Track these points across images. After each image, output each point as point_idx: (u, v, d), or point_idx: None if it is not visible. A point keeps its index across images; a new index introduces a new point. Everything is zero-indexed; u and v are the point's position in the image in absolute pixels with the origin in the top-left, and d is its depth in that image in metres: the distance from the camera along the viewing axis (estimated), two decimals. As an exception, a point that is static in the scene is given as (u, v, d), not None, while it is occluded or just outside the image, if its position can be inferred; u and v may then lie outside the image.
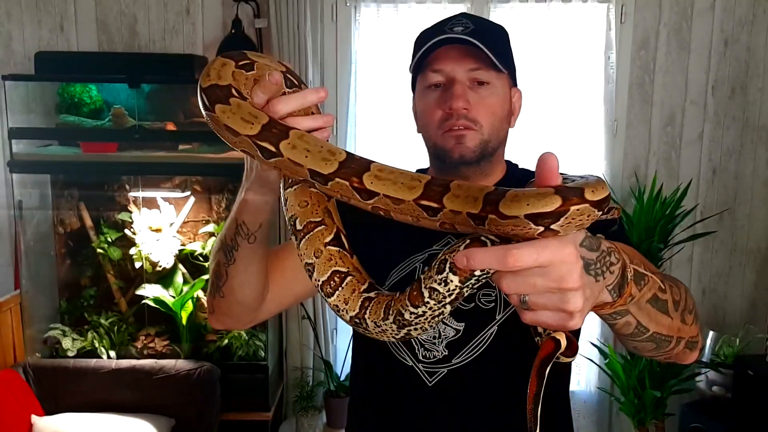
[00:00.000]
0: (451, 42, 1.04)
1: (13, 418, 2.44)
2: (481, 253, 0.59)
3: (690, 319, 0.82)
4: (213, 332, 2.88)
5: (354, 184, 0.66)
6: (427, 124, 1.09)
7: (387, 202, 0.66)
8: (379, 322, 0.76)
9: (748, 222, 3.04)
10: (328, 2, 2.86)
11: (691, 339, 0.85)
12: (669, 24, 2.88)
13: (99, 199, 2.92)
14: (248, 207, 0.90)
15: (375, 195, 0.66)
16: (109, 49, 2.90)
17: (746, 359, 2.68)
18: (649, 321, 0.75)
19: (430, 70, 1.06)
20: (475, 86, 1.05)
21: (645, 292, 0.72)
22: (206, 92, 0.72)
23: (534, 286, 0.58)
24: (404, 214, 0.67)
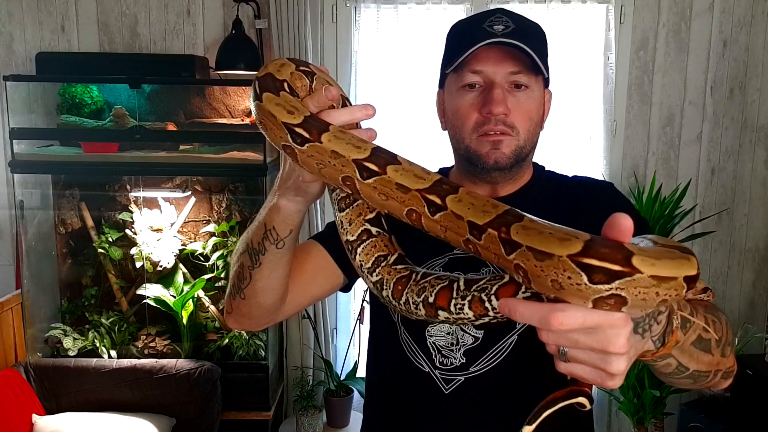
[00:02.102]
0: (496, 43, 1.00)
1: (14, 417, 2.44)
2: (523, 308, 0.56)
3: (728, 351, 0.80)
4: (213, 332, 2.88)
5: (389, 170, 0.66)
6: (460, 126, 1.05)
7: (393, 192, 0.66)
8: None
9: (746, 222, 3.05)
10: (329, 3, 2.87)
11: (728, 369, 0.83)
12: (668, 25, 2.89)
13: (100, 199, 2.93)
14: (280, 213, 0.87)
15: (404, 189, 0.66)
16: (110, 49, 2.91)
17: (745, 358, 2.69)
18: (689, 361, 0.73)
19: (469, 70, 1.02)
20: (513, 90, 1.02)
21: (690, 335, 0.70)
22: (260, 81, 0.72)
23: (576, 343, 0.56)
24: (405, 205, 0.66)
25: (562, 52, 2.84)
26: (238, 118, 2.89)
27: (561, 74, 2.84)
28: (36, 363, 2.67)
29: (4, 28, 2.91)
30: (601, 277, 0.51)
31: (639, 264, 0.51)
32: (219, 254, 2.82)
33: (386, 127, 2.91)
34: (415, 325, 1.03)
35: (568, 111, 2.89)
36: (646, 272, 0.51)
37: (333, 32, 2.89)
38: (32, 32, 2.91)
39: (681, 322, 0.66)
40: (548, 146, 2.84)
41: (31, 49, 2.89)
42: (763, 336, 2.80)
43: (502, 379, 0.99)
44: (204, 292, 2.84)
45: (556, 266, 0.52)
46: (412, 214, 0.65)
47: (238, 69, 2.74)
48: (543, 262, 0.53)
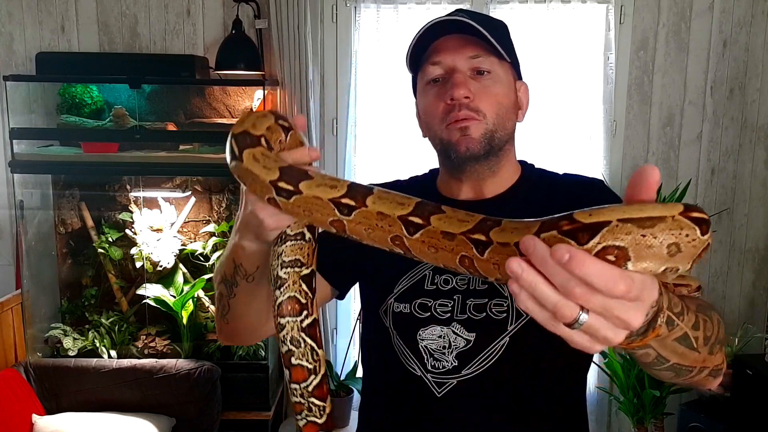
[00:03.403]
0: (447, 30, 1.00)
1: (14, 417, 2.44)
2: (599, 264, 0.49)
3: (717, 349, 0.79)
4: (213, 332, 2.88)
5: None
6: (430, 121, 1.05)
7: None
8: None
9: (746, 222, 3.05)
10: (329, 3, 2.87)
11: (716, 367, 0.81)
12: (668, 25, 2.89)
13: (100, 199, 2.93)
14: (245, 252, 0.85)
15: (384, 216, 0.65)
16: (110, 49, 2.91)
17: (745, 359, 2.69)
18: (671, 354, 0.72)
19: (429, 64, 1.03)
20: (477, 75, 1.01)
21: (674, 333, 0.68)
22: (236, 138, 0.72)
23: (608, 311, 0.51)
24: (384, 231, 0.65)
25: (562, 52, 2.84)
26: (238, 118, 2.89)
27: (561, 74, 2.85)
28: (36, 363, 2.67)
29: (4, 28, 2.91)
30: (584, 236, 0.51)
31: (606, 214, 0.51)
32: (219, 254, 2.82)
33: (386, 127, 2.91)
34: (407, 330, 1.02)
35: (568, 111, 2.89)
36: (612, 217, 0.50)
37: (333, 32, 2.89)
38: (32, 32, 2.91)
39: (667, 320, 0.64)
40: (548, 146, 2.85)
41: (31, 49, 2.89)
42: (763, 336, 2.80)
43: (494, 382, 0.98)
44: (204, 292, 2.84)
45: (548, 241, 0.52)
46: (396, 240, 0.64)
47: (238, 69, 2.74)
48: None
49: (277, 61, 2.78)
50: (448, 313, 1.01)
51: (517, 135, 1.11)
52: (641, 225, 0.50)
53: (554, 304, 0.51)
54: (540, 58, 2.81)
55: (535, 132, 2.81)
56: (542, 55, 2.81)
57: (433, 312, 1.02)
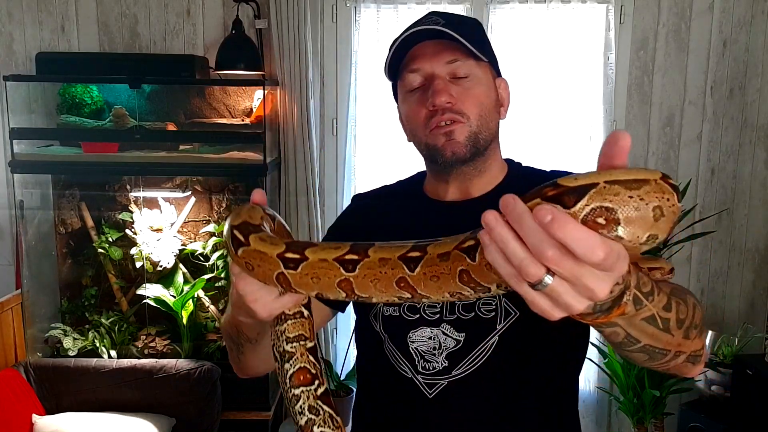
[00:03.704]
0: (423, 38, 1.01)
1: (14, 417, 2.44)
2: (576, 225, 0.49)
3: (694, 334, 0.78)
4: (213, 332, 2.89)
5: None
6: (414, 128, 1.05)
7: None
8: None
9: (746, 222, 3.05)
10: (329, 3, 2.87)
11: (694, 353, 0.80)
12: (668, 25, 2.89)
13: (100, 199, 2.93)
14: (242, 324, 0.87)
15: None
16: (110, 49, 2.91)
17: (745, 358, 2.69)
18: (641, 335, 0.70)
19: (408, 72, 1.04)
20: (456, 79, 1.02)
21: (643, 312, 0.67)
22: (238, 228, 0.74)
23: (578, 278, 0.50)
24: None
25: (562, 52, 2.84)
26: (238, 118, 2.89)
27: (561, 74, 2.85)
28: (36, 363, 2.67)
29: (4, 28, 2.91)
30: (572, 198, 0.51)
31: (592, 177, 0.52)
32: (219, 254, 2.82)
33: (386, 127, 2.91)
34: (397, 332, 1.02)
35: (568, 111, 2.89)
36: (599, 179, 0.51)
37: (333, 32, 2.89)
38: (32, 32, 2.91)
39: (635, 299, 0.63)
40: (548, 146, 2.85)
41: (31, 49, 2.89)
42: (763, 336, 2.79)
43: (484, 381, 0.98)
44: (204, 292, 2.84)
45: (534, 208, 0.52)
46: (401, 282, 0.65)
47: (238, 69, 2.74)
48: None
49: (277, 61, 2.78)
50: (437, 313, 1.01)
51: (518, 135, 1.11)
52: (628, 186, 0.51)
53: (521, 261, 0.50)
54: (540, 58, 2.81)
55: (535, 132, 2.81)
56: (542, 55, 2.81)
57: (422, 313, 1.02)
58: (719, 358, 2.81)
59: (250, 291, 0.74)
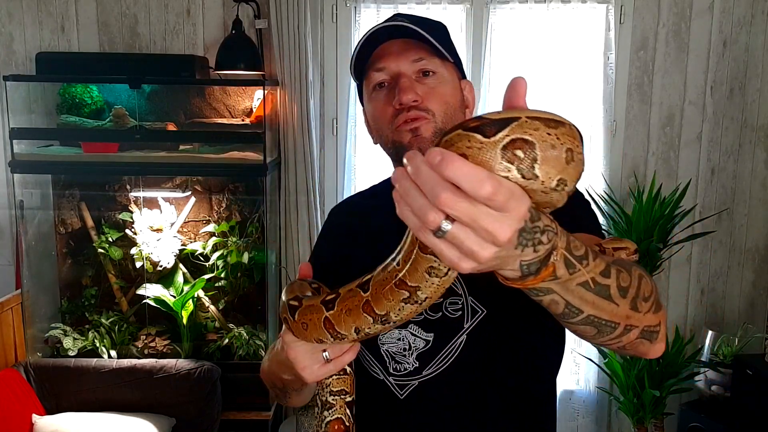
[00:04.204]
0: (388, 36, 1.01)
1: (14, 417, 2.44)
2: (462, 162, 0.50)
3: (645, 306, 0.75)
4: (213, 332, 2.89)
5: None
6: (380, 126, 1.05)
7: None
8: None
9: (746, 222, 3.05)
10: (329, 3, 2.87)
11: (648, 328, 0.77)
12: (668, 25, 2.89)
13: (100, 199, 2.93)
14: (288, 380, 0.95)
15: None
16: (110, 49, 2.91)
17: (745, 358, 2.69)
18: (582, 303, 0.67)
19: (373, 71, 1.03)
20: (422, 77, 1.02)
21: (577, 277, 0.65)
22: (292, 299, 0.84)
23: (475, 221, 0.51)
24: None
25: (562, 52, 2.84)
26: (238, 118, 2.89)
27: (561, 74, 2.85)
28: (36, 363, 2.67)
29: (4, 28, 2.91)
30: (492, 128, 0.52)
31: (514, 112, 0.54)
32: (219, 254, 2.83)
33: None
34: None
35: (568, 111, 2.89)
36: (522, 114, 0.53)
37: (333, 32, 2.89)
38: (32, 32, 2.91)
39: (566, 261, 0.62)
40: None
41: (31, 49, 2.89)
42: (763, 336, 2.80)
43: (455, 381, 0.98)
44: (204, 292, 2.84)
45: (458, 139, 0.53)
46: (366, 307, 0.72)
47: (238, 69, 2.74)
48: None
49: (277, 61, 2.78)
50: None
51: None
52: (548, 125, 0.53)
53: (419, 208, 0.52)
54: (540, 58, 2.81)
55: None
56: (542, 55, 2.81)
57: None
58: (719, 358, 2.81)
59: (300, 360, 0.84)
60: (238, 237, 2.85)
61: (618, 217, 2.80)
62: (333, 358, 0.86)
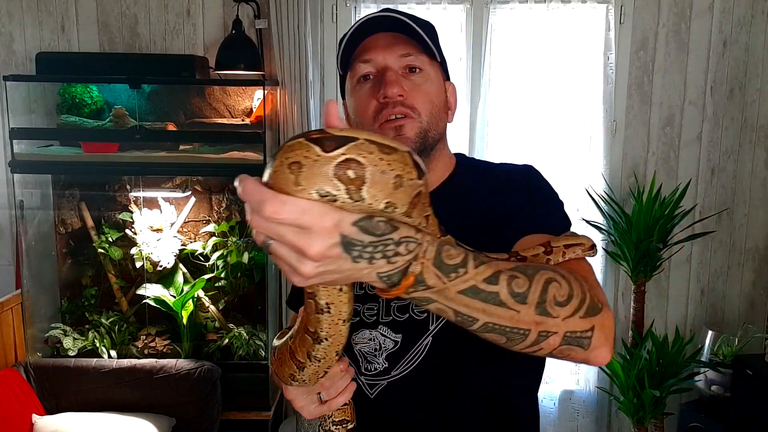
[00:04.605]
0: (378, 29, 0.99)
1: (14, 417, 2.44)
2: (251, 186, 0.54)
3: (562, 311, 0.71)
4: (213, 332, 2.89)
5: None
6: (362, 120, 1.02)
7: None
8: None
9: (746, 222, 3.05)
10: (329, 3, 2.87)
11: (572, 334, 0.72)
12: (668, 25, 2.89)
13: (100, 199, 2.93)
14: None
15: None
16: (110, 49, 2.91)
17: (745, 359, 2.69)
18: (472, 311, 0.66)
19: (359, 62, 1.01)
20: (408, 73, 1.00)
21: (455, 285, 0.64)
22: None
23: (281, 238, 0.55)
24: None
25: (562, 52, 2.84)
26: (238, 118, 2.89)
27: (561, 74, 2.85)
28: (36, 363, 2.67)
29: (4, 28, 2.91)
30: (330, 144, 0.55)
31: (356, 132, 0.56)
32: (219, 254, 2.82)
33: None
34: None
35: (568, 111, 2.89)
36: (360, 136, 0.56)
37: (333, 32, 2.89)
38: (32, 32, 2.91)
39: (443, 268, 0.63)
40: (548, 146, 2.85)
41: (31, 49, 2.89)
42: (763, 336, 2.79)
43: (421, 382, 0.98)
44: (204, 292, 2.84)
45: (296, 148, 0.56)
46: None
47: (238, 69, 2.74)
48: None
49: (277, 61, 2.78)
50: (374, 316, 1.02)
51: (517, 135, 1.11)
52: (382, 150, 0.56)
53: (251, 228, 0.57)
54: (540, 58, 2.81)
55: (535, 132, 2.81)
56: (542, 55, 2.81)
57: (361, 316, 1.03)
58: (719, 359, 2.81)
59: (297, 400, 0.90)
60: (238, 237, 2.85)
61: (618, 217, 2.80)
62: (327, 399, 0.89)
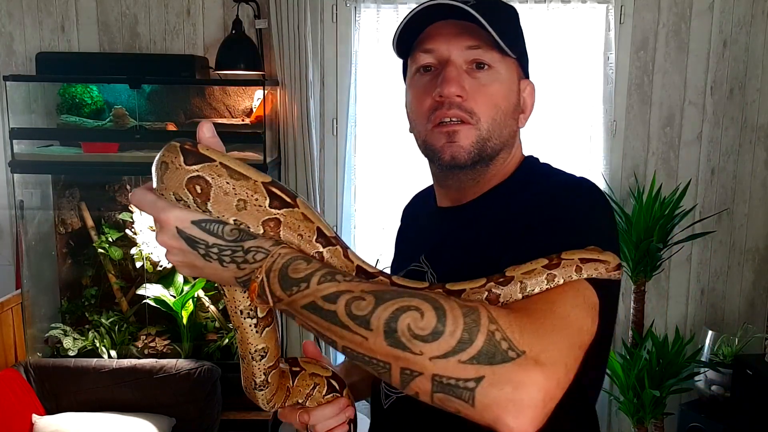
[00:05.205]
0: (445, 15, 0.85)
1: (14, 417, 2.44)
2: (140, 194, 0.68)
3: (426, 348, 0.58)
4: (213, 332, 2.89)
5: None
6: (415, 118, 0.92)
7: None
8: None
9: (746, 222, 3.05)
10: (329, 3, 2.87)
11: (442, 380, 0.59)
12: (668, 25, 2.89)
13: (100, 199, 2.93)
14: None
15: None
16: (110, 49, 2.91)
17: (745, 359, 2.69)
18: (324, 330, 0.62)
19: (420, 51, 0.89)
20: (474, 70, 0.87)
21: (299, 298, 0.63)
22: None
23: (153, 224, 0.69)
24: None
25: (562, 52, 2.84)
26: (238, 118, 2.89)
27: (561, 74, 2.85)
28: (36, 363, 2.67)
29: (4, 28, 2.91)
30: (192, 159, 0.64)
31: (216, 155, 0.64)
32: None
33: (386, 127, 2.91)
34: None
35: (568, 111, 2.89)
36: (217, 158, 0.64)
37: (333, 32, 2.89)
38: (32, 32, 2.91)
39: (283, 281, 0.64)
40: (548, 146, 2.85)
41: (31, 49, 2.89)
42: (763, 336, 2.79)
43: (421, 409, 0.89)
44: (204, 292, 2.84)
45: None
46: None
47: (238, 69, 2.74)
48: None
49: (277, 61, 2.78)
50: None
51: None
52: (232, 175, 0.64)
53: None
54: (540, 58, 2.81)
55: (535, 132, 2.81)
56: (542, 55, 2.81)
57: None
58: (719, 359, 2.81)
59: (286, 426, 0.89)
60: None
61: (618, 217, 2.80)
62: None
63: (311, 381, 0.90)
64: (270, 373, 0.84)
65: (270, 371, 0.83)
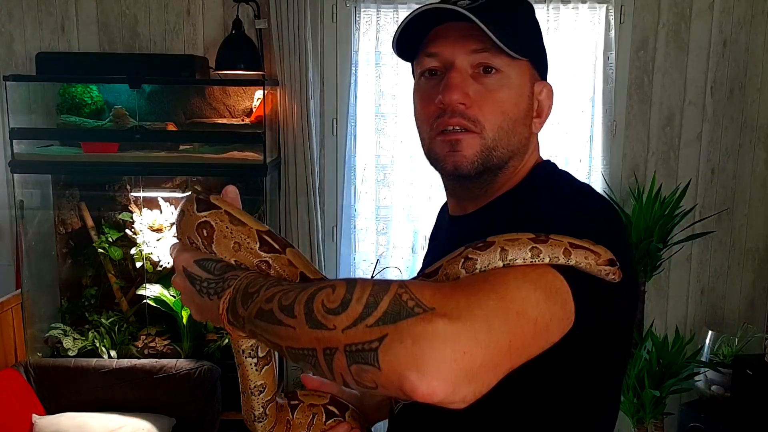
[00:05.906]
0: (451, 17, 0.81)
1: (14, 417, 2.44)
2: (172, 246, 0.81)
3: (337, 321, 0.57)
4: (213, 332, 2.88)
5: None
6: (419, 124, 0.89)
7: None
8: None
9: (746, 222, 3.05)
10: (329, 3, 2.87)
11: (353, 348, 0.57)
12: (668, 25, 2.89)
13: (100, 199, 2.93)
14: None
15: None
16: (110, 49, 2.91)
17: (745, 359, 2.69)
18: (272, 336, 0.63)
19: (425, 55, 0.86)
20: (480, 75, 0.83)
21: (252, 310, 0.65)
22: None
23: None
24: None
25: (562, 52, 2.84)
26: (238, 118, 2.89)
27: (561, 74, 2.85)
28: (36, 363, 2.67)
29: (4, 28, 2.91)
30: (202, 206, 0.74)
31: (222, 204, 0.74)
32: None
33: (386, 128, 2.91)
34: None
35: (568, 111, 2.89)
36: (222, 206, 0.73)
37: (333, 32, 2.89)
38: (32, 32, 2.91)
39: (242, 297, 0.68)
40: (548, 146, 2.85)
41: (31, 49, 2.88)
42: (763, 336, 2.79)
43: (432, 410, 0.86)
44: (204, 292, 2.84)
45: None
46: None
47: (238, 69, 2.74)
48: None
49: (277, 61, 2.78)
50: None
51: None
52: (232, 221, 0.73)
53: None
54: (540, 58, 2.81)
55: (535, 132, 2.80)
56: (542, 55, 2.81)
57: None
58: (719, 359, 2.81)
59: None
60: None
61: (618, 217, 2.80)
62: None
63: (310, 411, 0.93)
64: (267, 406, 0.87)
65: (268, 404, 0.87)
